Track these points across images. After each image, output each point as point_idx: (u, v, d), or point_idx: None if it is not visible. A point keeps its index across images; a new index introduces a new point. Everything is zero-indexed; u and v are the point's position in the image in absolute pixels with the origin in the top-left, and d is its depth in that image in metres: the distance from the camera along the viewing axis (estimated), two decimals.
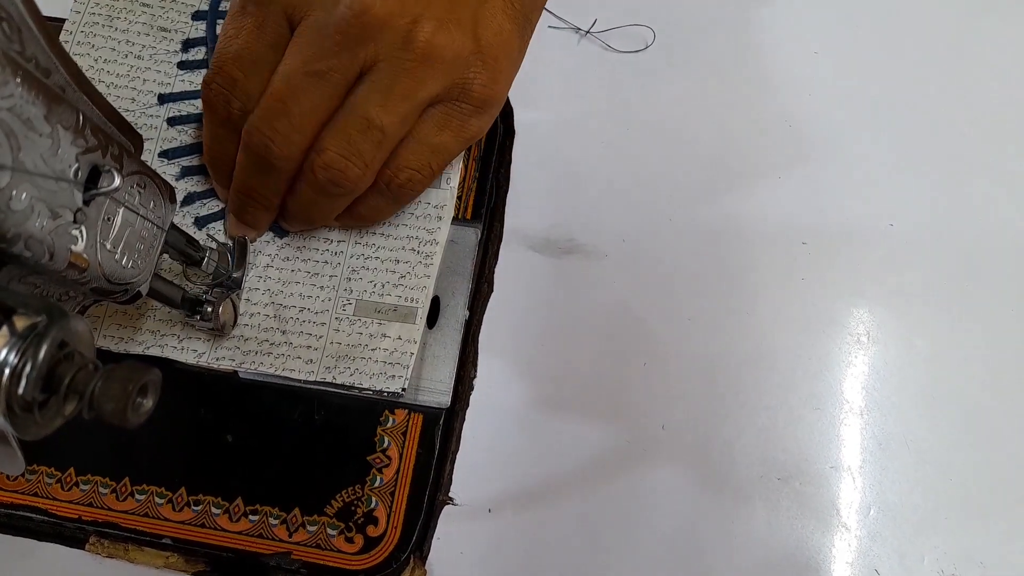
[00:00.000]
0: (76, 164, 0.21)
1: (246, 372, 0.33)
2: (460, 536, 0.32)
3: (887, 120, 0.38)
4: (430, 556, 0.31)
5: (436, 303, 0.35)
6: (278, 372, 0.33)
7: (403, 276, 0.34)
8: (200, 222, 0.35)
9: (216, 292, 0.32)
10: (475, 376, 0.34)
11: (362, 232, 0.35)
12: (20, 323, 0.18)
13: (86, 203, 0.22)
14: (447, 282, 0.35)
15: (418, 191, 0.32)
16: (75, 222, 0.22)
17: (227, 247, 0.33)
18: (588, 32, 0.40)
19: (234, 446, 0.33)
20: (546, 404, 0.34)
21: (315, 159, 0.29)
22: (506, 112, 0.38)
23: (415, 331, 0.33)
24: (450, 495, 0.32)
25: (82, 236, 0.22)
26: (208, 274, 0.32)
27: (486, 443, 0.33)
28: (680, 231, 0.36)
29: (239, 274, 0.33)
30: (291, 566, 0.31)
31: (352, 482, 0.32)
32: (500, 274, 0.35)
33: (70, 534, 0.32)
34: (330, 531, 0.31)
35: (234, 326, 0.33)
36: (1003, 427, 0.33)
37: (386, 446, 0.32)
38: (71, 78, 0.22)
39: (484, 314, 0.35)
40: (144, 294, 0.27)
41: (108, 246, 0.23)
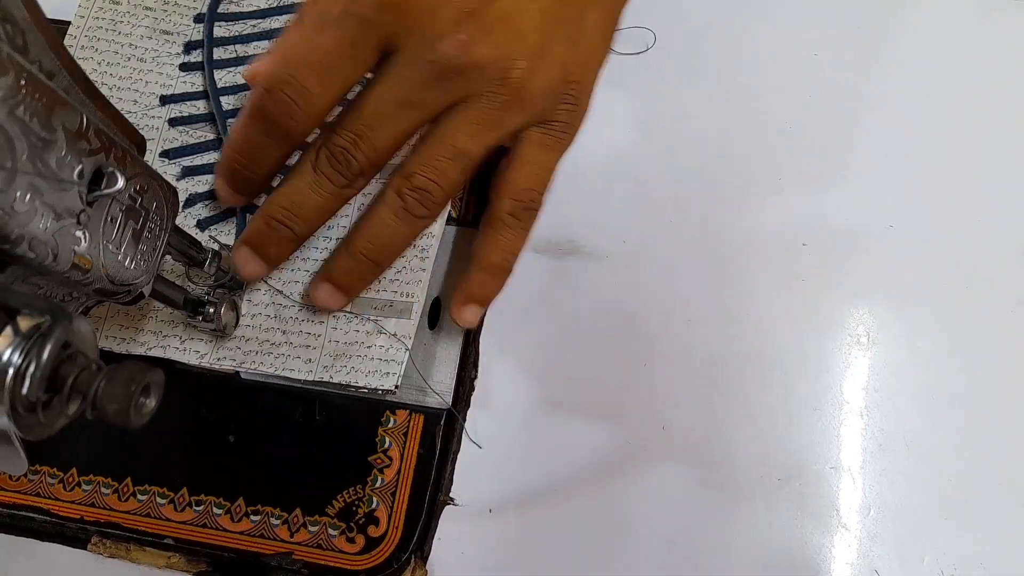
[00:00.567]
0: (80, 166, 0.21)
1: (247, 372, 0.33)
2: (461, 536, 0.32)
3: (887, 122, 0.38)
4: (431, 556, 0.31)
5: (438, 304, 0.35)
6: (278, 372, 0.33)
7: (399, 271, 0.34)
8: (203, 224, 0.35)
9: (218, 293, 0.32)
10: (476, 377, 0.34)
11: None
12: (24, 324, 0.18)
13: (89, 204, 0.22)
14: (449, 284, 0.35)
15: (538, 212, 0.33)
16: (79, 223, 0.22)
17: (229, 248, 0.33)
18: None
19: (236, 446, 0.33)
20: (547, 405, 0.34)
21: (402, 183, 0.30)
22: None
23: (410, 326, 0.33)
24: (451, 495, 0.32)
25: (85, 237, 0.22)
26: (210, 275, 0.32)
27: (487, 444, 0.33)
28: (681, 233, 0.36)
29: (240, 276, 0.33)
30: (292, 566, 0.31)
31: (353, 482, 0.32)
32: None
33: (72, 534, 0.32)
34: (331, 531, 0.31)
35: (236, 327, 0.33)
36: (1003, 427, 0.33)
37: (387, 446, 0.32)
38: (75, 80, 0.23)
39: (485, 315, 0.35)
40: (147, 295, 0.27)
41: (111, 247, 0.24)
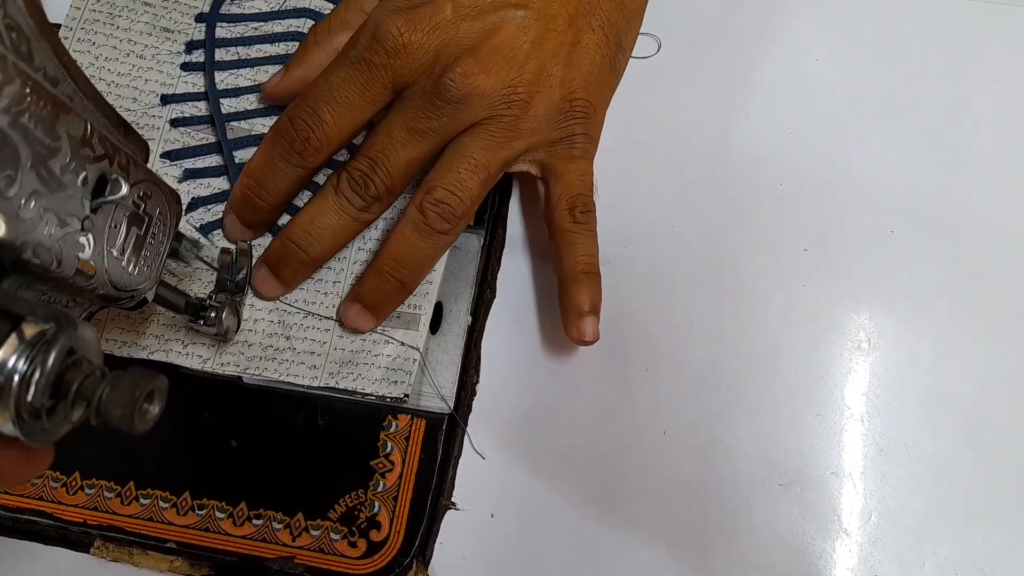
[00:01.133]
0: (84, 173, 0.21)
1: (250, 378, 0.33)
2: (463, 541, 0.32)
3: (888, 126, 0.38)
4: (432, 560, 0.31)
5: (439, 309, 0.35)
6: (282, 378, 0.33)
7: None
8: (205, 229, 0.35)
9: (220, 297, 0.32)
10: (478, 381, 0.34)
11: (365, 238, 0.35)
12: (29, 331, 0.18)
13: (93, 211, 0.22)
14: (450, 288, 0.35)
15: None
16: (83, 230, 0.22)
17: (231, 253, 0.33)
18: None
19: (238, 451, 0.33)
20: (548, 409, 0.34)
21: (425, 198, 0.31)
22: None
23: (418, 337, 0.33)
24: (453, 500, 0.32)
25: (89, 243, 0.22)
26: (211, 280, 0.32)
27: (489, 448, 0.33)
28: (682, 237, 0.36)
29: (242, 279, 0.33)
30: (294, 570, 0.31)
31: (355, 487, 0.32)
32: (503, 280, 0.36)
33: (75, 538, 0.32)
34: (333, 535, 0.31)
35: (237, 331, 0.33)
36: (1004, 433, 0.33)
37: (389, 451, 0.33)
38: (79, 87, 0.23)
39: (487, 320, 0.35)
40: (150, 300, 0.27)
41: (115, 253, 0.24)
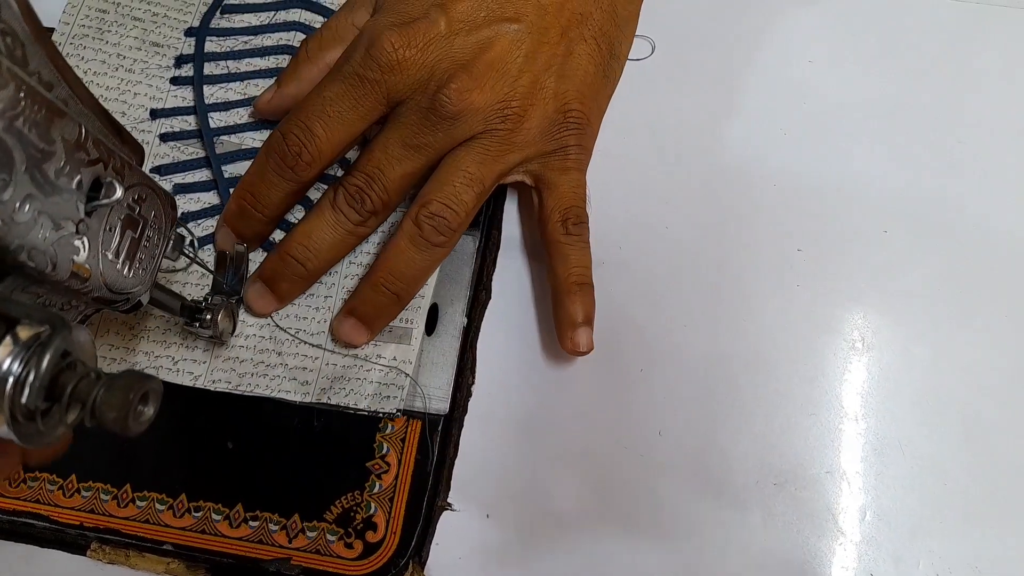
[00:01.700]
0: (78, 176, 0.22)
1: (242, 394, 0.33)
2: (459, 542, 0.32)
3: (881, 127, 0.38)
4: (429, 561, 0.31)
5: (434, 310, 0.35)
6: (274, 394, 0.33)
7: None
8: (195, 243, 0.35)
9: (215, 300, 0.32)
10: (473, 383, 0.34)
11: (357, 252, 0.35)
12: (24, 333, 0.19)
13: (88, 214, 0.22)
14: (445, 289, 0.35)
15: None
16: (77, 233, 0.22)
17: (227, 256, 0.33)
18: None
19: (234, 453, 0.33)
20: (544, 410, 0.34)
21: (420, 211, 0.32)
22: None
23: (410, 352, 0.33)
24: (448, 501, 0.32)
25: (84, 247, 0.22)
26: (182, 268, 0.32)
27: (484, 449, 0.33)
28: (676, 238, 0.36)
29: (237, 282, 0.33)
30: (291, 572, 0.31)
31: (351, 488, 0.32)
32: (498, 281, 0.36)
33: (72, 540, 0.32)
34: (329, 537, 0.31)
35: (233, 334, 0.33)
36: (999, 432, 0.33)
37: (385, 452, 0.33)
38: (73, 91, 0.23)
39: (482, 321, 0.35)
40: (145, 303, 0.27)
41: (110, 256, 0.24)
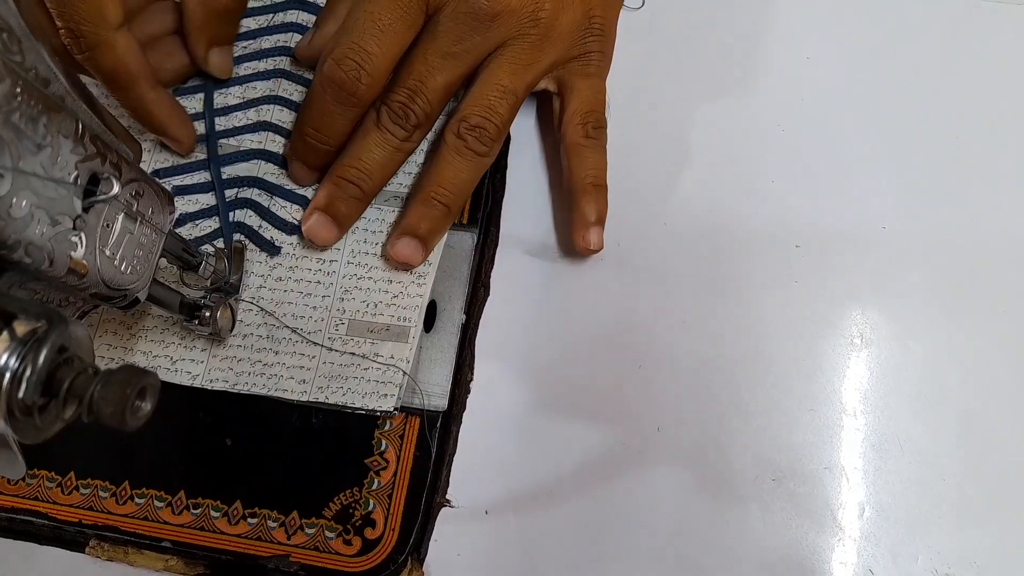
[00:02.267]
0: (75, 172, 0.22)
1: (239, 392, 0.33)
2: (457, 538, 0.32)
3: (879, 123, 0.38)
4: (427, 558, 0.31)
5: (433, 307, 0.35)
6: (271, 393, 0.33)
7: (396, 296, 0.34)
8: (193, 244, 0.35)
9: (214, 297, 0.32)
10: (472, 379, 0.34)
11: (354, 251, 0.35)
12: (20, 328, 0.19)
13: (85, 210, 0.22)
14: (444, 286, 0.35)
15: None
16: (74, 228, 0.22)
17: (224, 252, 0.33)
18: None
19: (233, 450, 0.33)
20: (542, 407, 0.34)
21: (459, 125, 0.33)
22: None
23: (407, 350, 0.33)
24: (447, 497, 0.32)
25: (81, 242, 0.22)
26: (205, 279, 0.32)
27: (483, 445, 0.33)
28: (674, 235, 0.36)
29: (236, 279, 0.33)
30: (290, 568, 0.31)
31: (350, 485, 0.32)
32: (496, 278, 0.36)
33: (70, 538, 0.32)
34: (328, 534, 0.31)
35: (232, 331, 0.33)
36: (997, 427, 0.33)
37: (383, 449, 0.33)
38: (70, 87, 0.23)
39: (480, 318, 0.35)
40: (143, 299, 0.27)
41: (107, 252, 0.24)
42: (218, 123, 0.37)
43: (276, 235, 0.35)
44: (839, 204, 0.37)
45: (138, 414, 0.20)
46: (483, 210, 0.37)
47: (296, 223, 0.35)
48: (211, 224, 0.35)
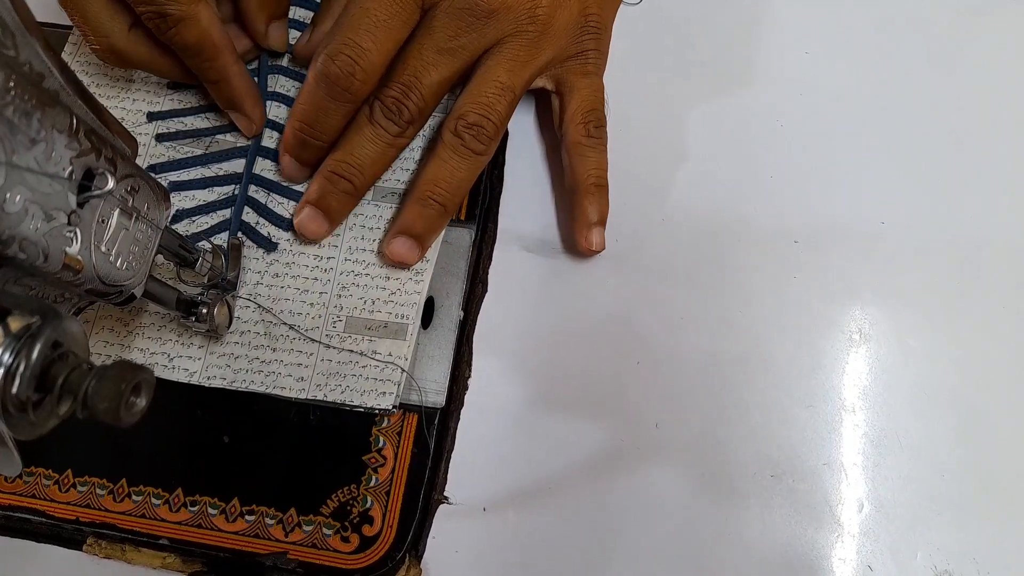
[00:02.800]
0: (70, 167, 0.21)
1: (237, 389, 0.33)
2: (455, 535, 0.32)
3: (878, 119, 0.38)
4: (425, 555, 0.31)
5: (430, 303, 0.35)
6: (269, 390, 0.33)
7: (393, 293, 0.34)
8: (190, 240, 0.35)
9: (211, 294, 0.32)
10: (470, 376, 0.34)
11: (352, 248, 0.35)
12: (14, 324, 0.18)
13: (80, 205, 0.22)
14: (441, 282, 0.35)
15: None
16: (69, 224, 0.22)
17: (222, 249, 0.33)
18: None
19: (230, 447, 0.33)
20: (540, 403, 0.34)
21: (456, 123, 0.33)
22: None
23: (405, 348, 0.33)
24: (445, 494, 0.32)
25: (76, 238, 0.22)
26: (202, 275, 0.32)
27: (481, 442, 0.33)
28: (672, 231, 0.36)
29: (233, 275, 0.33)
30: (287, 566, 0.31)
31: (348, 482, 0.32)
32: (494, 274, 0.36)
33: (68, 535, 0.32)
34: (326, 531, 0.31)
35: (229, 328, 0.33)
36: (995, 423, 0.33)
37: (381, 446, 0.33)
38: (65, 83, 0.23)
39: (479, 314, 0.35)
40: (139, 296, 0.27)
41: (102, 248, 0.24)
42: (212, 119, 0.37)
43: (273, 231, 0.35)
44: (838, 200, 0.37)
45: (133, 410, 0.20)
46: (481, 206, 0.37)
47: None
48: (208, 220, 0.35)
